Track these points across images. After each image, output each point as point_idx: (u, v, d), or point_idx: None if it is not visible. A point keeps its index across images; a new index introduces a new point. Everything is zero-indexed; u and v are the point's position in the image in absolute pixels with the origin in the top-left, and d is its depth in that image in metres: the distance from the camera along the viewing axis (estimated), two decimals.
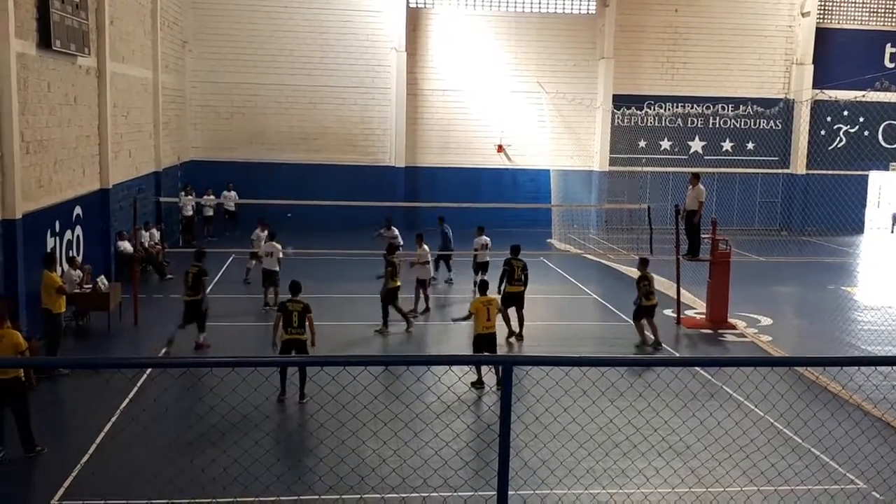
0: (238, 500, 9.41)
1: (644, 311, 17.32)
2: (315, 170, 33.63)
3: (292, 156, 33.95)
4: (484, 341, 13.91)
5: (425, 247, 20.08)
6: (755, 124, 36.54)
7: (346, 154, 34.53)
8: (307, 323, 13.36)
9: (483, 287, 15.23)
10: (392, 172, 34.58)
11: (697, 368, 14.71)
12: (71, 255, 18.28)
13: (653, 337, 17.18)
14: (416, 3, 34.60)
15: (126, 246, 21.61)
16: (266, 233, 20.98)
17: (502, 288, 17.62)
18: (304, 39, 33.67)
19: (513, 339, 17.02)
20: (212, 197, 29.72)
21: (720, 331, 18.90)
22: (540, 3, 35.14)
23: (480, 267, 21.41)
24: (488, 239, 22.00)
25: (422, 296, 19.66)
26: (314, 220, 29.40)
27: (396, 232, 22.90)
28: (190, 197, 27.99)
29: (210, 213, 30.29)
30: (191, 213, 28.82)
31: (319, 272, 22.89)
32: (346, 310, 19.52)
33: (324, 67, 33.96)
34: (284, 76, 33.71)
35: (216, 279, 22.97)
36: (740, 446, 10.64)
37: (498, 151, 35.40)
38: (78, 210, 19.12)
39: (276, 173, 32.80)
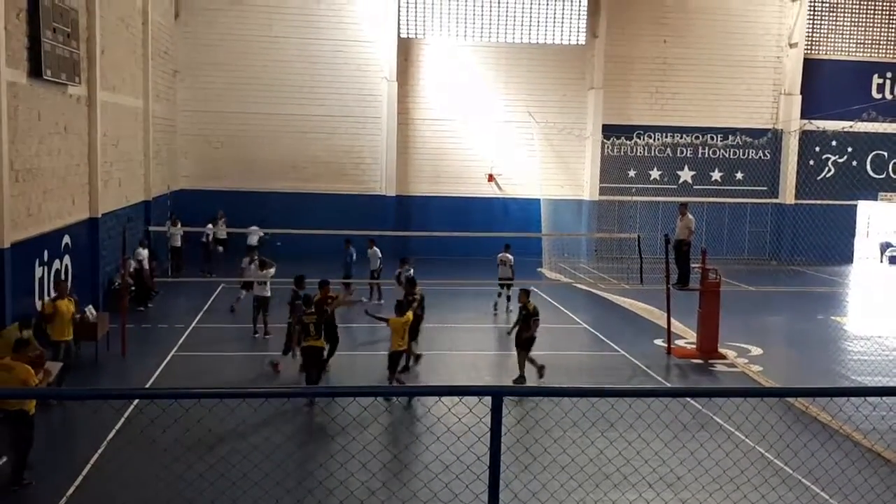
0: None
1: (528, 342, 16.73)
2: (306, 198, 33.64)
3: (283, 184, 33.97)
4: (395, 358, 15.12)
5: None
6: (744, 154, 36.76)
7: (337, 183, 34.58)
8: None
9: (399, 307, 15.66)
10: (383, 201, 34.63)
11: (688, 399, 14.66)
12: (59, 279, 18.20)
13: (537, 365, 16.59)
14: (408, 33, 34.82)
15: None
16: (255, 261, 20.84)
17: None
18: (295, 69, 33.81)
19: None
20: (210, 227, 29.31)
21: (710, 360, 18.86)
22: (530, 34, 35.42)
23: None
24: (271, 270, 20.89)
25: None
26: (305, 249, 29.32)
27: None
28: (177, 228, 27.72)
29: (223, 235, 29.59)
30: (179, 243, 28.23)
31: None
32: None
33: (315, 97, 34.09)
34: (275, 105, 33.81)
35: (205, 307, 22.90)
36: (730, 477, 10.57)
37: (489, 181, 35.51)
38: (66, 239, 19.05)
39: (267, 202, 32.80)
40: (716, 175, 36.86)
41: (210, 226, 28.20)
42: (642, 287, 23.11)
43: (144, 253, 23.56)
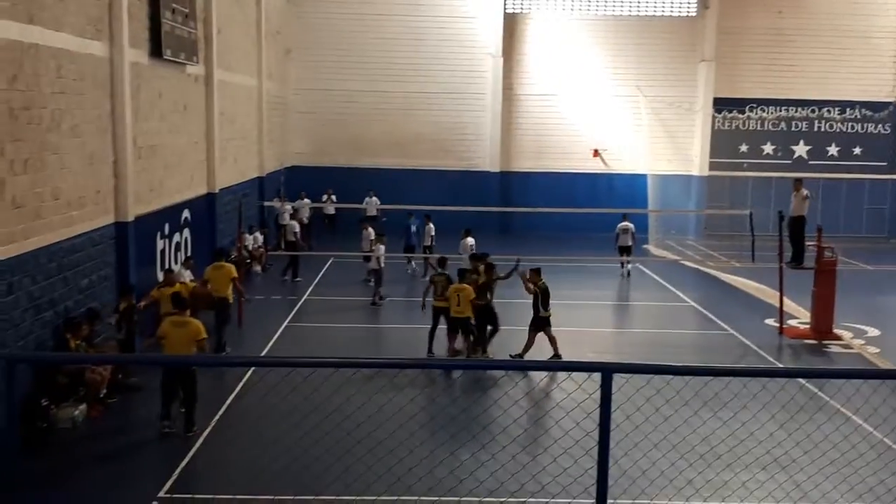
0: (339, 498, 9.63)
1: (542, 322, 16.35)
2: (411, 175, 34.00)
3: (389, 161, 34.42)
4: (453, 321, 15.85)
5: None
6: (862, 129, 35.28)
7: (441, 159, 34.81)
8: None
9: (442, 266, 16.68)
10: (486, 177, 34.70)
11: (803, 380, 14.31)
12: (187, 255, 19.16)
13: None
14: (513, 8, 34.62)
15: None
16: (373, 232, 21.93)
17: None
18: (401, 46, 34.11)
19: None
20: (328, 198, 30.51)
21: (825, 341, 18.31)
22: (639, 6, 34.72)
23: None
24: (382, 247, 21.78)
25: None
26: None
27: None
28: (288, 205, 28.31)
29: (332, 211, 31.02)
30: (287, 220, 28.17)
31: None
32: None
33: (420, 74, 34.34)
34: (382, 83, 34.22)
35: (315, 281, 23.51)
36: (849, 461, 10.30)
37: (594, 156, 35.14)
38: (186, 213, 19.82)
39: (374, 178, 33.28)
40: (832, 150, 35.50)
41: (303, 201, 28.78)
42: (754, 265, 22.57)
43: (259, 238, 24.68)
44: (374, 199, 30.67)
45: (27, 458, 10.69)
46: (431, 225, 24.70)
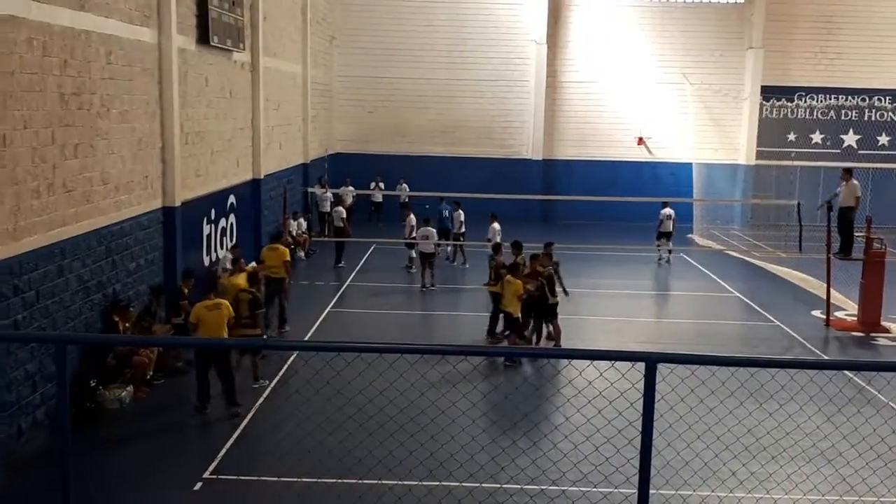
0: (381, 482, 9.70)
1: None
2: (453, 162, 33.98)
3: (431, 148, 34.43)
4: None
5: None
6: None
7: (484, 147, 34.75)
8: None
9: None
10: (529, 165, 34.57)
11: (850, 374, 14.09)
12: (234, 242, 19.44)
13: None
14: None
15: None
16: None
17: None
18: (444, 33, 34.06)
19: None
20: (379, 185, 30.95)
21: (872, 334, 18.01)
22: None
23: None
24: (433, 230, 22.08)
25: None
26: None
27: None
28: (329, 192, 28.32)
29: (379, 199, 31.19)
30: (328, 208, 27.93)
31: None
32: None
33: (463, 61, 34.27)
34: (425, 70, 34.20)
35: (358, 267, 23.64)
36: None
37: (638, 144, 34.81)
38: (232, 199, 20.03)
39: (416, 165, 33.34)
40: (883, 139, 34.77)
41: (349, 189, 28.90)
42: (800, 256, 22.25)
43: (303, 224, 24.87)
44: (405, 185, 30.81)
45: (76, 438, 10.91)
46: (461, 212, 24.63)
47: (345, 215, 24.98)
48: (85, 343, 12.62)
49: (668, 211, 25.84)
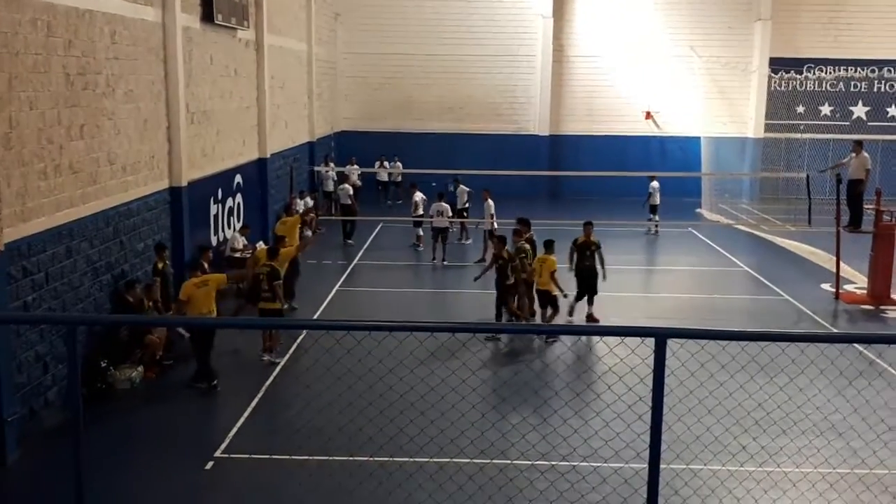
0: (392, 459, 9.73)
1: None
2: (459, 139, 33.84)
3: (438, 125, 34.28)
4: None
5: None
6: None
7: (491, 122, 34.58)
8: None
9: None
10: (536, 141, 34.41)
11: (860, 347, 14.05)
12: (243, 222, 19.50)
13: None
14: None
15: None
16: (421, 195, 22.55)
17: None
18: (450, 9, 33.81)
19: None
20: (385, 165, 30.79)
21: (882, 307, 17.94)
22: None
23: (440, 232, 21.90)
24: (447, 206, 22.23)
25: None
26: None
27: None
28: (331, 172, 28.18)
29: (385, 178, 31.01)
30: (332, 188, 27.87)
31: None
32: None
33: (470, 36, 34.02)
34: (431, 46, 33.98)
35: (365, 246, 23.63)
36: None
37: (646, 118, 34.59)
38: (238, 178, 20.00)
39: (423, 143, 33.21)
40: (893, 111, 34.50)
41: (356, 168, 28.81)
42: (810, 229, 22.13)
43: (309, 202, 24.73)
44: (398, 164, 30.81)
45: (87, 418, 10.96)
46: (463, 187, 24.47)
47: (352, 192, 24.92)
48: (95, 324, 12.65)
49: (655, 184, 26.50)
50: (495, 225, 21.42)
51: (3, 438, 9.88)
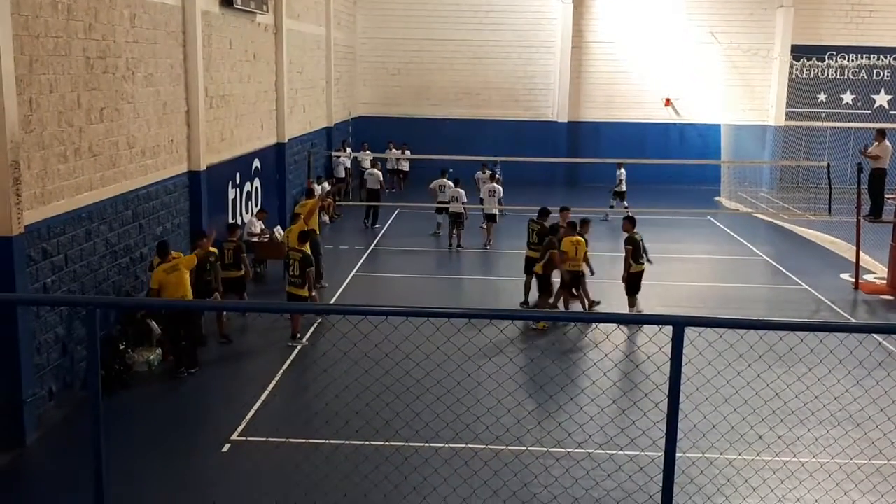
0: (407, 444, 9.75)
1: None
2: (478, 125, 33.77)
3: (456, 111, 34.22)
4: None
5: None
6: None
7: (509, 109, 34.46)
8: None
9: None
10: (554, 127, 34.27)
11: (879, 337, 13.94)
12: (260, 207, 19.56)
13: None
14: None
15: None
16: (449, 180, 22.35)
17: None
18: None
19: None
20: (395, 152, 30.65)
21: None
22: None
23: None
24: (462, 191, 22.14)
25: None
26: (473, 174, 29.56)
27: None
28: (345, 158, 28.06)
29: (405, 167, 30.90)
30: (343, 174, 27.96)
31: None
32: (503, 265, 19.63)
33: (489, 21, 33.89)
34: (450, 31, 33.87)
35: (382, 232, 23.64)
36: None
37: (665, 105, 34.36)
38: (256, 163, 20.04)
39: (440, 129, 33.16)
40: None
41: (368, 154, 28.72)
42: (830, 218, 21.98)
43: (326, 187, 24.72)
44: (407, 152, 30.74)
45: (105, 400, 11.05)
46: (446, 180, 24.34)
47: (381, 177, 24.87)
48: (115, 307, 12.72)
49: (623, 172, 26.23)
50: (495, 210, 21.91)
51: (22, 419, 9.98)
